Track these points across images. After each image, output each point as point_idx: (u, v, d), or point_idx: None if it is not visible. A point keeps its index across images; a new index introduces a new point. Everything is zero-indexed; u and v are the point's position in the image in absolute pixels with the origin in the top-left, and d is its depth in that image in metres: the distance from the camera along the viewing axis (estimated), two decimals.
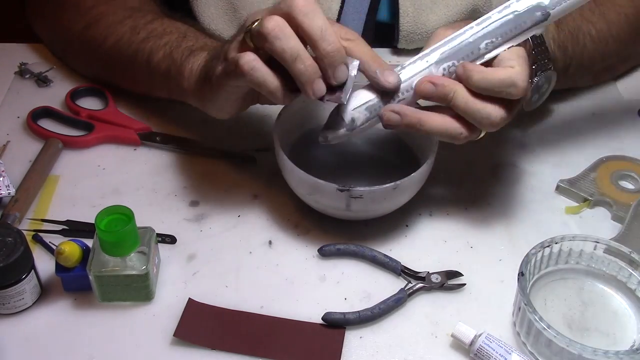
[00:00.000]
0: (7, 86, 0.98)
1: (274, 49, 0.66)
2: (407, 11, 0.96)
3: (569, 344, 0.66)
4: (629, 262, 0.73)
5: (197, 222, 0.82)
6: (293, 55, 0.67)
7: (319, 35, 0.67)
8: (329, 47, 0.67)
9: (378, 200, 0.76)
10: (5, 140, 0.90)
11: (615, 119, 0.95)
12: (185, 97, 0.83)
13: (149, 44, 0.85)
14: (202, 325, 0.72)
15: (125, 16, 0.89)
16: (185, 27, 0.87)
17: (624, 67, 1.00)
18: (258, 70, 0.68)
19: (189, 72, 0.80)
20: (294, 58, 0.67)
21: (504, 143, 0.91)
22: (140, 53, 0.86)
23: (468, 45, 0.70)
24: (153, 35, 0.86)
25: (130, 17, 0.89)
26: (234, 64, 0.68)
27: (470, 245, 0.80)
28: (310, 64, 0.67)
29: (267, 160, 0.86)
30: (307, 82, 0.68)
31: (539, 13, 0.70)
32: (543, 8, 0.69)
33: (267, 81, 0.68)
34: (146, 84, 0.88)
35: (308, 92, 0.68)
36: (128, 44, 0.87)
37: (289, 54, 0.67)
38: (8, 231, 0.72)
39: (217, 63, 0.73)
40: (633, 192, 0.85)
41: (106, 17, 0.90)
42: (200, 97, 0.79)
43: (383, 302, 0.73)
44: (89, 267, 0.71)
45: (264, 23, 0.66)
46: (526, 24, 0.70)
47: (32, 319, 0.73)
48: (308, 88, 0.68)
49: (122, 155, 0.89)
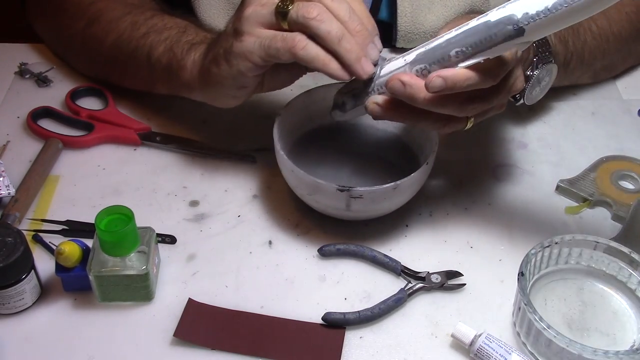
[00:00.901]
0: (7, 86, 0.98)
1: (319, 32, 0.70)
2: (405, 11, 0.96)
3: (569, 344, 0.66)
4: (629, 262, 0.73)
5: (197, 222, 0.82)
6: (339, 35, 0.70)
7: (347, 17, 0.71)
8: (357, 27, 0.71)
9: (378, 200, 0.76)
10: (5, 140, 0.90)
11: (615, 119, 0.95)
12: (187, 91, 0.83)
13: (149, 39, 0.85)
14: (202, 325, 0.72)
15: (125, 12, 0.89)
16: (185, 23, 0.87)
17: (623, 66, 1.00)
18: (312, 46, 0.70)
19: (191, 64, 0.81)
20: (340, 37, 0.70)
21: (504, 143, 0.91)
22: (140, 49, 0.86)
23: (439, 50, 0.68)
24: (153, 31, 0.86)
25: (130, 13, 0.89)
26: (288, 40, 0.70)
27: (470, 245, 0.80)
28: (355, 42, 0.70)
29: (267, 160, 0.86)
30: (356, 60, 0.70)
31: (510, 27, 0.64)
32: (515, 22, 0.64)
33: (319, 55, 0.70)
34: (147, 80, 0.88)
35: (358, 69, 0.70)
36: (128, 40, 0.87)
37: (335, 34, 0.70)
38: (8, 231, 0.72)
39: (226, 40, 0.74)
40: (633, 192, 0.85)
41: (106, 14, 0.90)
42: (209, 85, 0.79)
43: (383, 302, 0.73)
44: (89, 267, 0.71)
45: (307, 8, 0.69)
46: (497, 37, 0.65)
47: (32, 319, 0.73)
48: (357, 65, 0.70)
49: (122, 155, 0.89)
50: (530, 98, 0.86)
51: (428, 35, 0.97)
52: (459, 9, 0.96)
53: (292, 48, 0.70)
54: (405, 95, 0.69)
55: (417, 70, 0.69)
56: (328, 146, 0.85)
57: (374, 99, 0.72)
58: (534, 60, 0.83)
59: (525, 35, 0.64)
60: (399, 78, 0.69)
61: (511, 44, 0.65)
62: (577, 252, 0.75)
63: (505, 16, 0.64)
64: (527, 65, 0.83)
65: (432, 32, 0.97)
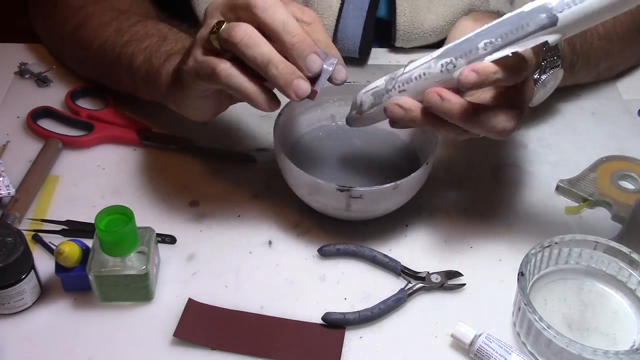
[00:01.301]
0: (7, 86, 0.98)
1: (246, 56, 0.67)
2: (404, 10, 0.96)
3: (569, 344, 0.66)
4: (629, 262, 0.73)
5: (197, 222, 0.82)
6: (264, 61, 0.66)
7: (280, 28, 0.66)
8: (293, 39, 0.67)
9: (378, 200, 0.76)
10: (5, 140, 0.90)
11: (615, 119, 0.95)
12: (164, 101, 0.82)
13: (130, 48, 0.85)
14: (202, 325, 0.72)
15: (112, 18, 0.90)
16: (167, 29, 0.87)
17: (625, 66, 1.00)
18: (235, 77, 0.68)
19: (165, 76, 0.80)
20: (266, 64, 0.66)
21: (504, 143, 0.91)
22: (123, 56, 0.86)
23: (466, 42, 0.65)
24: (135, 39, 0.86)
25: (116, 19, 0.89)
26: (210, 69, 0.68)
27: (470, 245, 0.80)
28: (283, 66, 0.67)
29: (267, 160, 0.86)
30: (285, 85, 0.67)
31: (543, 15, 0.62)
32: (549, 10, 0.62)
33: (243, 85, 0.68)
34: (130, 86, 0.88)
35: (290, 94, 0.67)
36: (112, 46, 0.87)
37: (260, 61, 0.66)
38: (8, 231, 0.72)
39: (185, 61, 0.72)
40: (633, 192, 0.85)
41: (94, 18, 0.91)
42: (174, 98, 0.78)
43: (383, 302, 0.73)
44: (89, 267, 0.71)
45: (233, 32, 0.66)
46: (529, 27, 0.63)
47: (32, 319, 0.73)
48: (289, 91, 0.67)
49: (122, 155, 0.89)
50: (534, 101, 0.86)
51: (427, 35, 0.97)
52: (458, 8, 0.96)
53: (213, 75, 0.68)
54: (441, 110, 0.65)
55: (442, 65, 0.66)
56: (328, 146, 0.85)
57: (395, 99, 0.68)
58: (542, 64, 0.83)
59: (557, 26, 0.62)
60: (439, 93, 0.65)
61: (542, 36, 0.63)
62: (577, 252, 0.75)
63: (540, 5, 0.63)
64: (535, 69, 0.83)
65: (431, 32, 0.97)
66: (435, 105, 0.65)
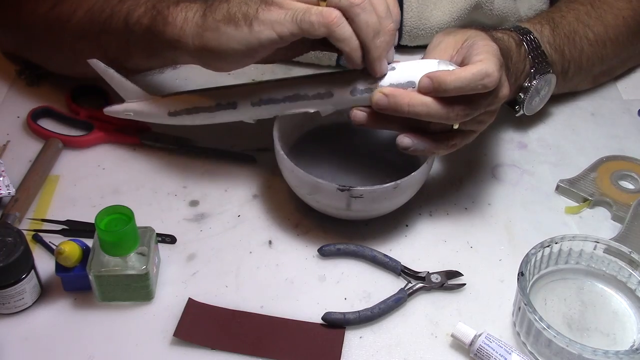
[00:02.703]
0: (7, 86, 0.98)
1: (359, 20, 0.69)
2: (412, 6, 0.96)
3: (569, 344, 0.66)
4: (629, 262, 0.73)
5: (197, 222, 0.82)
6: (376, 29, 0.70)
7: (385, 12, 0.71)
8: (391, 26, 0.71)
9: (378, 200, 0.76)
10: (5, 140, 0.90)
11: (615, 119, 0.95)
12: (172, 49, 0.77)
13: (126, 4, 0.82)
14: (202, 325, 0.72)
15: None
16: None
17: (622, 69, 1.00)
18: (346, 26, 0.69)
19: (182, 21, 0.76)
20: (376, 32, 0.70)
21: (504, 143, 0.91)
22: (116, 15, 0.82)
23: None
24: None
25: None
26: (323, 15, 0.69)
27: (470, 245, 0.80)
28: (384, 40, 0.70)
29: (267, 160, 0.86)
30: (380, 57, 0.71)
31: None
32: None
33: (352, 37, 0.70)
34: (122, 50, 0.83)
35: (376, 67, 0.71)
36: (101, 10, 0.83)
37: (372, 28, 0.70)
38: (8, 231, 0.72)
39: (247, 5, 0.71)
40: (633, 192, 0.85)
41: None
42: (207, 46, 0.74)
43: (383, 302, 0.73)
44: (89, 267, 0.71)
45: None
46: None
47: (32, 319, 0.73)
48: (378, 64, 0.71)
49: (122, 155, 0.89)
50: (530, 108, 0.87)
51: (434, 31, 0.97)
52: (465, 5, 0.96)
53: (329, 24, 0.69)
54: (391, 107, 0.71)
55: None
56: (328, 146, 0.85)
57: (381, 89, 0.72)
58: (531, 71, 0.83)
59: None
60: (382, 91, 0.71)
61: None
62: (577, 252, 0.75)
63: None
64: (524, 76, 0.83)
65: (437, 28, 0.97)
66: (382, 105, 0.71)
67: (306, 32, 0.70)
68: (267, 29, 0.70)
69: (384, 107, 0.71)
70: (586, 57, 0.91)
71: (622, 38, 0.93)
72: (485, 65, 0.69)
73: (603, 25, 0.91)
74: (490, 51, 0.71)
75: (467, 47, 0.72)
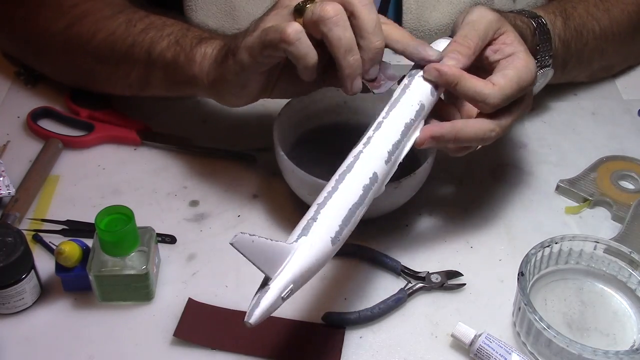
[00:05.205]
0: (7, 86, 0.98)
1: (331, 35, 0.67)
2: (411, 8, 0.96)
3: (569, 344, 0.66)
4: (629, 262, 0.73)
5: (197, 222, 0.82)
6: (348, 46, 0.67)
7: (372, 28, 0.68)
8: (378, 43, 0.68)
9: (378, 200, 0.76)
10: (5, 140, 0.90)
11: (615, 119, 0.95)
12: (191, 86, 0.80)
13: (148, 35, 0.83)
14: (202, 325, 0.72)
15: (115, 12, 0.87)
16: (184, 22, 0.85)
17: (620, 66, 1.00)
18: (303, 42, 0.67)
19: (201, 57, 0.78)
20: (348, 49, 0.67)
21: (504, 143, 0.91)
22: (138, 44, 0.83)
23: None
24: (152, 27, 0.83)
25: (121, 12, 0.86)
26: (279, 32, 0.67)
27: (470, 245, 0.80)
28: (358, 58, 0.68)
29: (267, 160, 0.85)
30: (351, 75, 0.69)
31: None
32: None
33: (309, 55, 0.68)
34: (141, 79, 0.85)
35: (348, 85, 0.69)
36: (123, 37, 0.84)
37: (344, 44, 0.67)
38: (8, 231, 0.72)
39: (243, 37, 0.71)
40: (633, 192, 0.85)
41: (91, 15, 0.87)
42: (216, 80, 0.76)
43: (383, 302, 0.73)
44: (89, 267, 0.71)
45: (325, 7, 0.67)
46: None
47: (32, 319, 0.73)
48: (349, 82, 0.69)
49: (122, 155, 0.89)
50: None
51: (433, 33, 0.97)
52: (464, 6, 0.96)
53: (283, 40, 0.66)
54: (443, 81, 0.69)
55: None
56: (328, 146, 0.85)
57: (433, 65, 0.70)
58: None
59: None
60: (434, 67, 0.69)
61: None
62: (577, 252, 0.75)
63: None
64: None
65: (437, 30, 0.97)
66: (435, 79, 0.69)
67: (271, 50, 0.69)
68: (244, 53, 0.71)
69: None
70: (589, 51, 0.90)
71: (624, 33, 0.93)
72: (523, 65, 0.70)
73: (609, 19, 0.91)
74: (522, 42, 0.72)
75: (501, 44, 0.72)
